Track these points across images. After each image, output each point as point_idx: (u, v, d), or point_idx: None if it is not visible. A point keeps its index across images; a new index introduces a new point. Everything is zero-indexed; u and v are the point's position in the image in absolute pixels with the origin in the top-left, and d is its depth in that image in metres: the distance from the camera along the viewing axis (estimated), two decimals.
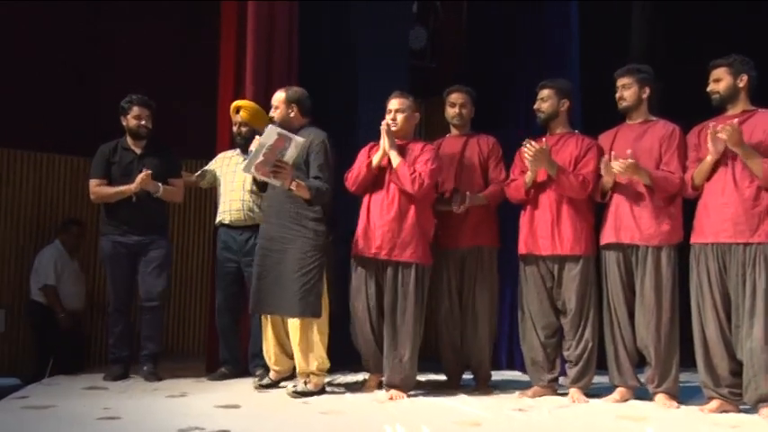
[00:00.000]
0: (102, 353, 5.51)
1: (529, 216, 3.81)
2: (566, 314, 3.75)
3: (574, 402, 3.61)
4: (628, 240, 3.60)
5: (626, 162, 3.48)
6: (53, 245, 5.31)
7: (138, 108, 4.22)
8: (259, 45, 4.44)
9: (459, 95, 4.04)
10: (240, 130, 4.34)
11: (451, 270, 3.93)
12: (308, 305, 3.63)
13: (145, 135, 4.24)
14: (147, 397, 3.69)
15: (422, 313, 3.76)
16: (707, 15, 4.99)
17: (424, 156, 3.76)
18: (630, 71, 3.69)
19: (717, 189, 3.39)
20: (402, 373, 3.69)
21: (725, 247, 3.34)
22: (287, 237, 3.70)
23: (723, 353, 3.35)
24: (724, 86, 3.44)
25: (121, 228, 4.18)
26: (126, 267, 4.20)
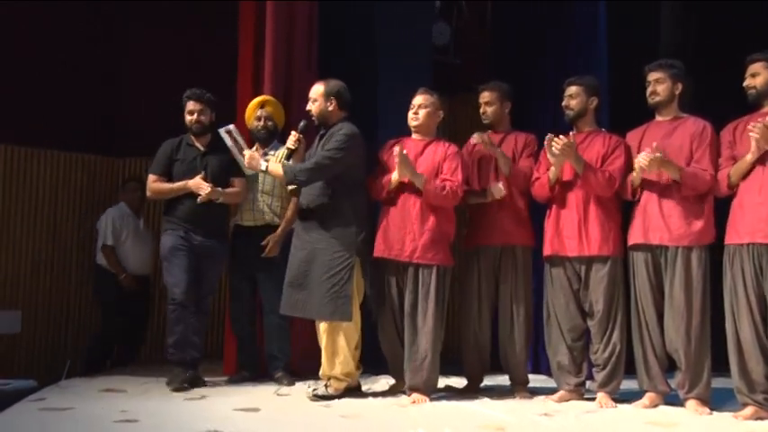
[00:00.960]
0: None
1: (555, 216, 3.73)
2: (592, 316, 3.66)
3: (601, 407, 3.53)
4: (657, 241, 3.51)
5: (651, 155, 3.39)
6: (117, 205, 5.19)
7: (191, 103, 4.09)
8: (278, 45, 4.40)
9: (485, 94, 3.97)
10: (267, 124, 4.28)
11: (483, 269, 3.85)
12: (336, 308, 3.54)
13: (200, 131, 4.10)
14: (165, 400, 3.65)
15: (443, 315, 3.71)
16: (737, 14, 4.90)
17: (450, 163, 3.71)
18: (663, 66, 3.60)
19: (753, 188, 3.30)
20: (424, 376, 3.64)
21: (762, 249, 3.25)
22: (317, 237, 3.62)
23: (759, 357, 3.25)
24: (762, 81, 3.35)
25: (184, 226, 4.03)
26: (192, 261, 3.98)
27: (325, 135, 3.74)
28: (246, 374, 4.23)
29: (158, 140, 4.24)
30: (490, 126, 3.99)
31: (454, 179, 3.67)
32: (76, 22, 5.51)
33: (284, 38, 4.44)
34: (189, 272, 3.95)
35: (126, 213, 5.14)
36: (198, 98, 4.09)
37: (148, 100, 5.62)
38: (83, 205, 5.66)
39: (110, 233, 5.03)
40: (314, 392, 3.62)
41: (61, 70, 5.44)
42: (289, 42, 4.47)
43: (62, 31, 5.47)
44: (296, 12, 4.50)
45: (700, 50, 4.96)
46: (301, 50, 4.51)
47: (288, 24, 4.47)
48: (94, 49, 5.63)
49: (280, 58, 4.40)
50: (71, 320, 5.59)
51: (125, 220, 5.11)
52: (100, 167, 5.76)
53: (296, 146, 3.73)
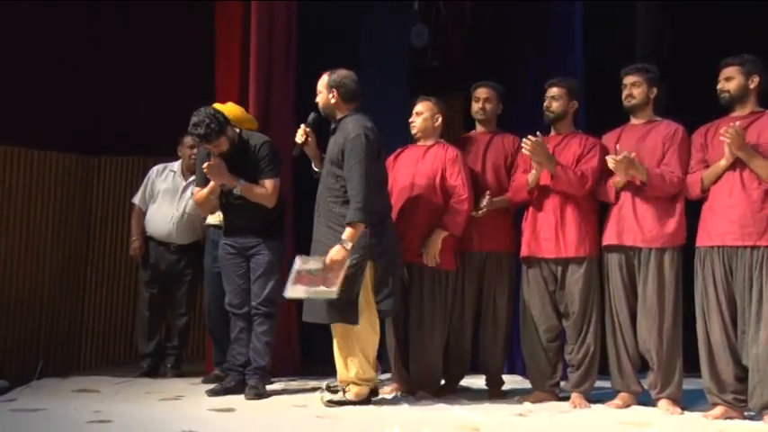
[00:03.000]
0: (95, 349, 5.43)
1: (531, 218, 3.76)
2: (568, 317, 3.69)
3: (575, 407, 3.56)
4: (630, 243, 3.55)
5: (618, 157, 3.43)
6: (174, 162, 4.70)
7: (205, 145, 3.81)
8: (260, 44, 4.37)
9: (484, 90, 3.99)
10: None
11: (468, 274, 3.88)
12: (343, 311, 3.41)
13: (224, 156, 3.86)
14: (139, 400, 3.62)
15: (446, 316, 3.78)
16: (712, 16, 4.98)
17: (453, 168, 3.75)
18: (640, 69, 3.65)
19: (724, 191, 3.35)
20: (427, 372, 3.72)
21: (731, 251, 3.30)
22: (331, 239, 3.48)
23: (728, 358, 3.31)
24: (735, 86, 3.39)
25: (227, 229, 3.90)
26: (235, 266, 3.84)
27: (336, 130, 3.62)
28: (220, 373, 4.19)
29: (135, 139, 4.19)
30: (486, 123, 4.01)
31: (461, 186, 3.73)
32: (52, 19, 5.44)
33: (265, 38, 4.42)
34: (231, 279, 3.86)
35: (167, 169, 4.66)
36: (206, 140, 3.66)
37: (127, 98, 5.58)
38: (57, 204, 5.59)
39: (140, 189, 4.68)
40: (328, 399, 3.52)
41: (37, 69, 5.37)
42: (269, 42, 4.44)
43: (37, 28, 5.41)
44: (275, 11, 4.48)
45: (675, 52, 5.04)
46: (280, 50, 4.49)
47: (268, 24, 4.44)
48: (74, 47, 5.57)
49: (262, 58, 4.38)
50: (44, 320, 5.52)
51: (164, 174, 4.64)
52: (75, 166, 5.70)
53: (302, 139, 3.63)
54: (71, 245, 5.58)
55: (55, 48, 5.41)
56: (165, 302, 4.65)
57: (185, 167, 4.65)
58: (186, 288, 4.61)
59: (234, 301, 3.86)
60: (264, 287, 3.80)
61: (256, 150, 3.79)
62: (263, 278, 3.80)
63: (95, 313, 5.66)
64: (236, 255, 3.85)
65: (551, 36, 4.82)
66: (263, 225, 3.82)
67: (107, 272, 5.70)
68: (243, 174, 3.75)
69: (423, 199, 3.78)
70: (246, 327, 3.84)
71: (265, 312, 3.80)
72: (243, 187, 3.73)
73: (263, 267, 3.80)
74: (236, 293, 3.86)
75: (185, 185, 4.61)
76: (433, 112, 3.87)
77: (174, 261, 4.59)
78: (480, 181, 3.89)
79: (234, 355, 3.86)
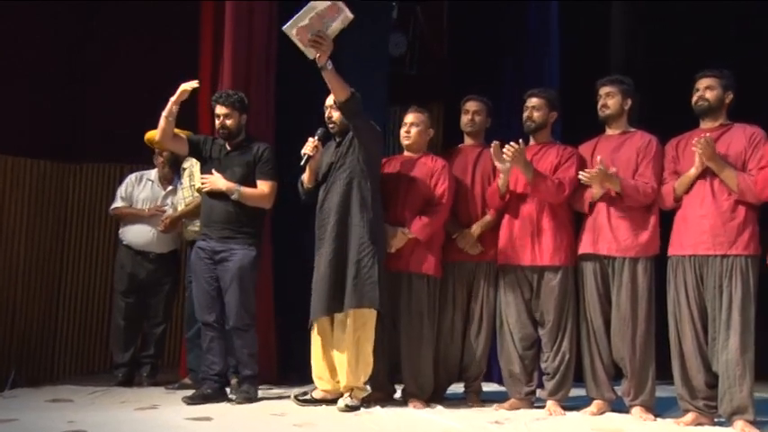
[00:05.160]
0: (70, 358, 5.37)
1: (508, 226, 3.80)
2: (543, 325, 3.73)
3: (550, 415, 3.59)
4: (605, 251, 3.60)
5: (592, 171, 3.48)
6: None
7: (218, 107, 3.88)
8: (238, 45, 4.36)
9: (474, 103, 4.02)
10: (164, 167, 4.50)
11: (458, 283, 3.90)
12: (364, 294, 3.51)
13: (226, 137, 3.90)
14: (114, 409, 3.59)
15: (435, 324, 3.81)
16: (686, 30, 5.08)
17: (440, 178, 3.80)
18: (614, 81, 3.71)
19: (695, 201, 3.41)
20: (420, 381, 3.75)
21: (702, 260, 3.36)
22: (349, 232, 3.59)
23: (699, 365, 3.36)
24: (714, 96, 3.45)
25: (203, 230, 3.90)
26: (205, 271, 3.83)
27: (342, 143, 3.72)
28: (189, 381, 4.20)
29: (112, 147, 4.17)
30: (475, 136, 4.05)
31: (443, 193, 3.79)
32: (29, 25, 5.40)
33: (244, 38, 4.41)
34: (202, 288, 3.84)
35: (145, 177, 4.69)
36: (225, 102, 3.87)
37: (105, 106, 5.54)
38: (31, 211, 5.53)
39: (118, 195, 4.66)
40: (346, 404, 3.55)
41: (13, 75, 5.32)
42: (248, 43, 4.43)
43: (14, 34, 5.35)
44: (255, 11, 4.46)
45: (649, 65, 5.13)
46: (260, 51, 4.48)
47: (247, 24, 4.43)
48: (52, 53, 5.53)
49: (239, 59, 4.36)
50: (16, 329, 5.45)
51: (141, 183, 4.65)
52: (50, 173, 5.65)
53: (314, 152, 3.67)
54: (45, 252, 5.53)
55: (32, 54, 5.37)
56: (142, 312, 4.62)
57: (162, 176, 4.66)
58: (164, 297, 4.59)
59: (201, 308, 3.85)
60: (235, 299, 3.77)
61: (259, 152, 3.89)
62: (232, 288, 3.78)
63: (70, 322, 5.61)
64: (205, 259, 3.85)
65: (528, 47, 4.89)
66: (237, 229, 3.83)
67: (82, 280, 5.65)
68: (239, 171, 3.83)
69: (409, 208, 3.80)
70: (217, 335, 3.83)
71: (242, 326, 3.80)
72: (240, 193, 3.78)
73: (232, 275, 3.77)
74: (203, 300, 3.85)
75: (164, 195, 4.62)
76: (427, 125, 3.93)
77: (153, 270, 4.57)
78: (469, 193, 3.92)
79: (208, 365, 3.84)
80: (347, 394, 3.60)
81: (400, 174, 3.88)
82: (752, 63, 4.76)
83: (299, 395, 3.76)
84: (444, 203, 3.80)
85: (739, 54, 4.82)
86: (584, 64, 4.76)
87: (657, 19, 5.22)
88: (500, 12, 5.05)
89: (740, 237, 3.30)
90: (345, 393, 3.61)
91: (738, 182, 3.30)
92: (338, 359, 3.62)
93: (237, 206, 3.81)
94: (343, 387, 3.63)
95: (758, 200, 3.31)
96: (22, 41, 5.34)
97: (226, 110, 3.87)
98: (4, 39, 5.28)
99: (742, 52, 4.89)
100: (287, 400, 3.81)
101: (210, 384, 3.81)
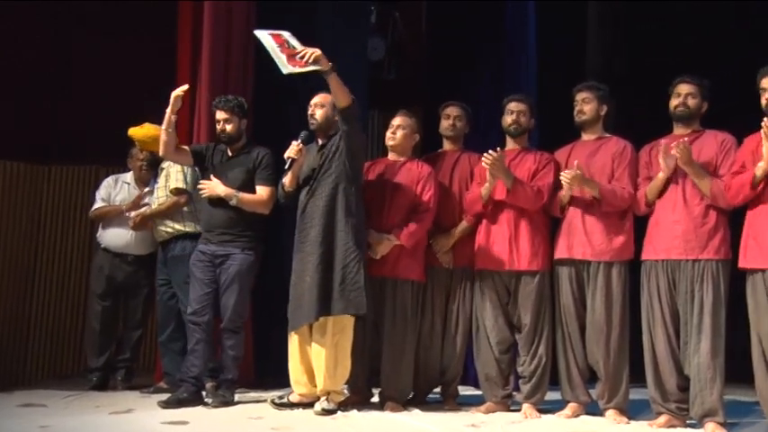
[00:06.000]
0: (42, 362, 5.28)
1: (485, 232, 3.82)
2: (520, 330, 3.76)
3: (526, 418, 3.63)
4: (580, 256, 3.64)
5: (572, 172, 3.52)
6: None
7: (218, 112, 3.89)
8: (216, 45, 4.35)
9: (455, 109, 4.05)
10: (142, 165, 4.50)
11: (437, 288, 3.92)
12: (349, 301, 3.52)
13: (227, 141, 3.90)
14: (89, 414, 3.55)
15: (416, 329, 3.82)
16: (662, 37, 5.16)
17: (426, 185, 3.82)
18: (591, 87, 3.76)
19: (668, 206, 3.47)
20: (399, 385, 3.76)
21: (675, 264, 3.41)
22: (335, 237, 3.60)
23: (672, 368, 3.41)
24: (695, 104, 3.52)
25: (204, 234, 3.91)
26: (203, 274, 3.83)
27: (326, 146, 3.72)
28: (165, 385, 4.17)
29: (87, 148, 4.12)
30: (455, 141, 4.07)
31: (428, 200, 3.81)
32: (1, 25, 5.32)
33: (222, 39, 4.39)
34: (196, 288, 3.83)
35: (122, 179, 4.67)
36: (225, 107, 3.87)
37: (79, 107, 5.47)
38: (3, 213, 5.44)
39: (97, 197, 4.62)
40: (322, 408, 3.54)
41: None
42: (227, 43, 4.42)
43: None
44: (234, 11, 4.45)
45: (625, 71, 5.22)
46: (238, 52, 4.46)
47: (226, 25, 4.42)
48: (24, 54, 5.44)
49: (217, 60, 4.35)
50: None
51: (119, 185, 4.64)
52: (23, 175, 5.56)
53: (298, 156, 3.66)
54: (17, 255, 5.42)
55: (4, 54, 5.28)
56: (118, 316, 4.58)
57: (137, 178, 4.64)
58: (141, 300, 4.55)
59: (196, 308, 3.83)
60: (232, 301, 3.80)
61: (258, 157, 3.90)
62: (228, 290, 3.81)
63: (42, 325, 5.51)
64: (205, 262, 3.85)
65: (506, 53, 4.94)
66: (237, 234, 3.85)
67: (55, 283, 5.56)
68: (239, 177, 3.84)
69: (395, 214, 3.81)
70: (203, 338, 3.82)
71: (233, 328, 3.82)
72: (239, 198, 3.79)
73: (231, 278, 3.81)
74: (198, 300, 3.83)
75: (141, 196, 4.57)
76: (413, 129, 3.95)
77: (131, 272, 4.53)
78: (447, 198, 3.94)
79: (188, 367, 3.82)
80: (324, 398, 3.60)
81: (385, 179, 3.88)
82: (727, 64, 4.85)
83: (275, 399, 3.75)
84: (430, 210, 3.81)
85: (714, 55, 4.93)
86: (561, 65, 4.82)
87: (633, 20, 5.31)
88: (478, 14, 5.09)
89: (711, 241, 3.36)
90: (322, 397, 3.61)
91: (711, 187, 3.36)
92: (317, 363, 3.62)
93: (237, 212, 3.82)
94: (320, 390, 3.62)
95: (729, 205, 3.37)
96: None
97: (225, 114, 3.88)
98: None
99: (717, 54, 4.99)
100: (264, 403, 3.79)
101: (187, 387, 3.79)
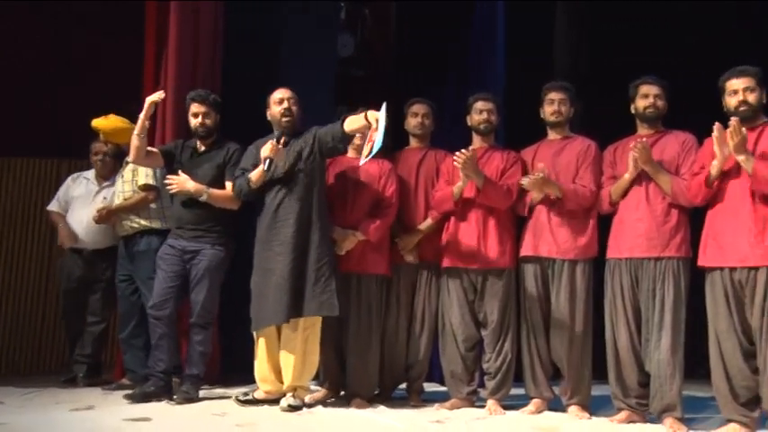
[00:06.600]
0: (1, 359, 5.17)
1: (453, 230, 3.84)
2: (486, 326, 3.79)
3: (491, 414, 3.65)
4: (545, 254, 3.68)
5: (534, 176, 3.56)
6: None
7: (195, 105, 3.85)
8: (183, 45, 4.31)
9: (422, 106, 4.06)
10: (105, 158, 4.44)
11: (402, 284, 3.93)
12: (322, 302, 3.54)
13: (205, 134, 3.88)
14: (48, 411, 3.48)
15: (381, 324, 3.85)
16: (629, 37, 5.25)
17: (388, 180, 3.87)
18: (564, 87, 3.81)
19: (631, 205, 3.52)
20: (365, 381, 3.78)
21: (638, 262, 3.47)
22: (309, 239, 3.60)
23: (633, 365, 3.47)
24: (662, 106, 3.59)
25: (174, 229, 3.89)
26: (170, 268, 3.81)
27: (293, 143, 3.69)
28: (127, 381, 4.13)
29: (48, 142, 4.05)
30: (423, 139, 4.08)
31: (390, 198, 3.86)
32: None
33: (189, 38, 4.35)
34: (162, 282, 3.80)
35: (81, 176, 4.63)
36: (203, 100, 3.86)
37: (40, 99, 5.37)
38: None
39: (55, 198, 4.62)
40: (289, 404, 3.53)
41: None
42: (194, 42, 4.38)
43: None
44: (201, 10, 4.42)
45: (591, 70, 5.30)
46: (206, 51, 4.43)
47: (193, 24, 4.38)
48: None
49: (184, 59, 4.31)
50: None
51: (78, 181, 4.60)
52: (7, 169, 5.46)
53: (276, 155, 3.62)
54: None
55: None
56: (81, 311, 4.50)
57: (98, 174, 4.59)
58: (101, 295, 4.47)
59: (156, 301, 3.80)
60: (200, 296, 3.79)
61: (229, 153, 3.88)
62: (198, 286, 3.80)
63: (0, 321, 5.40)
64: (174, 256, 3.83)
65: (474, 50, 4.98)
66: (208, 230, 3.83)
67: (13, 278, 5.46)
68: (210, 173, 3.81)
69: (359, 210, 3.84)
70: (167, 332, 3.79)
71: (202, 323, 3.80)
72: (209, 194, 3.75)
73: (200, 274, 3.79)
74: (160, 294, 3.80)
75: (98, 190, 4.53)
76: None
77: (87, 267, 4.46)
78: (412, 195, 3.96)
79: (154, 362, 3.80)
80: (290, 394, 3.59)
81: (347, 176, 3.89)
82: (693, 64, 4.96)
83: (240, 396, 3.73)
84: (393, 204, 3.85)
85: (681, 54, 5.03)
86: (528, 65, 4.88)
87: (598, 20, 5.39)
88: (447, 12, 5.12)
89: (673, 240, 3.42)
90: (288, 393, 3.60)
91: (672, 185, 3.42)
92: (285, 359, 3.61)
93: (207, 208, 3.80)
94: (286, 386, 3.62)
95: (690, 204, 3.43)
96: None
97: (204, 108, 3.86)
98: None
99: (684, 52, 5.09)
100: (228, 400, 3.77)
101: (155, 382, 3.76)
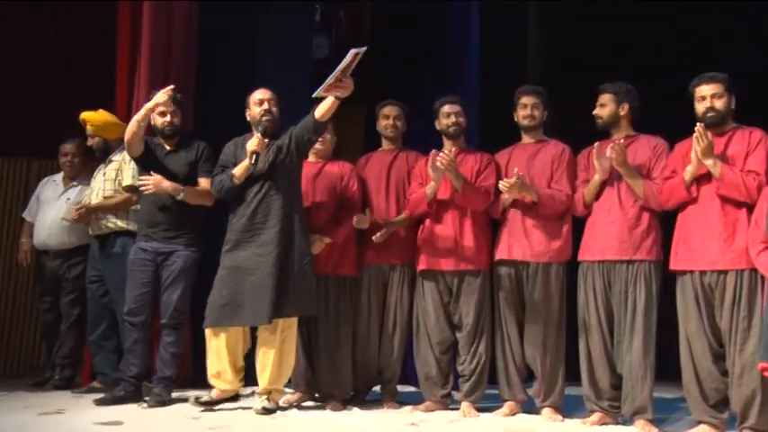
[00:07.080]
0: None
1: (429, 232, 3.85)
2: (461, 329, 3.80)
3: (465, 416, 3.66)
4: (519, 257, 3.70)
5: (511, 181, 3.59)
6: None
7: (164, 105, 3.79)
8: (156, 45, 4.28)
9: (394, 108, 4.07)
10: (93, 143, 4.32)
11: (373, 286, 3.93)
12: (302, 303, 3.57)
13: (172, 133, 3.86)
14: (16, 415, 3.42)
15: (351, 323, 3.87)
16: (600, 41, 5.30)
17: (350, 180, 3.92)
18: (536, 91, 3.83)
19: (603, 208, 3.56)
20: (339, 383, 3.81)
21: (610, 265, 3.50)
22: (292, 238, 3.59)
23: (605, 367, 3.50)
24: (607, 113, 3.63)
25: (145, 231, 3.83)
26: (143, 272, 3.78)
27: (272, 144, 3.67)
28: (98, 384, 4.09)
29: (16, 141, 3.99)
30: (394, 141, 4.09)
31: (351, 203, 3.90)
32: None
33: (163, 38, 4.32)
34: (137, 287, 3.78)
35: (51, 180, 4.60)
36: (171, 99, 3.78)
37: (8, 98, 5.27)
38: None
39: (29, 204, 4.62)
40: (263, 407, 3.50)
41: None
42: (167, 42, 4.35)
43: None
44: (175, 10, 4.39)
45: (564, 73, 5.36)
46: (179, 51, 4.40)
47: (167, 24, 4.35)
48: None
49: (157, 59, 4.28)
50: None
51: (48, 185, 4.58)
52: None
53: (261, 149, 3.61)
54: None
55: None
56: (57, 314, 4.45)
57: (66, 175, 4.56)
58: (73, 297, 4.40)
59: (132, 307, 3.77)
60: (173, 297, 3.76)
61: (200, 150, 3.88)
62: (172, 287, 3.78)
63: None
64: (146, 260, 3.79)
65: (449, 52, 5.00)
66: (180, 230, 3.81)
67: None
68: (182, 171, 3.80)
69: (323, 213, 3.86)
70: (141, 338, 3.77)
71: (174, 324, 3.78)
72: (186, 192, 3.73)
73: (174, 275, 3.77)
74: (134, 300, 3.77)
75: (63, 191, 4.49)
76: (331, 132, 3.98)
77: (56, 268, 4.41)
78: (383, 197, 3.96)
79: (126, 366, 3.77)
80: (264, 397, 3.57)
81: (309, 179, 3.90)
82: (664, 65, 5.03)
83: (198, 398, 3.67)
84: (357, 205, 3.88)
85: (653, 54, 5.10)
86: (503, 66, 4.92)
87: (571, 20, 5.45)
88: (422, 14, 5.14)
89: (644, 242, 3.45)
90: (263, 396, 3.57)
91: (644, 188, 3.46)
92: (262, 360, 3.60)
93: (180, 208, 3.77)
94: (261, 389, 3.59)
95: (661, 207, 3.47)
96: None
97: (172, 107, 3.83)
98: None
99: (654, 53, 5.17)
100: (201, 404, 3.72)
101: (125, 386, 3.73)
